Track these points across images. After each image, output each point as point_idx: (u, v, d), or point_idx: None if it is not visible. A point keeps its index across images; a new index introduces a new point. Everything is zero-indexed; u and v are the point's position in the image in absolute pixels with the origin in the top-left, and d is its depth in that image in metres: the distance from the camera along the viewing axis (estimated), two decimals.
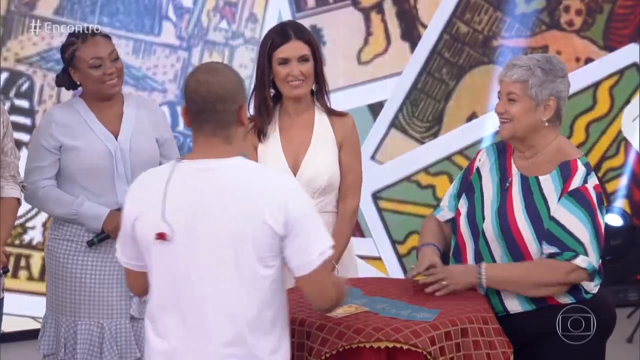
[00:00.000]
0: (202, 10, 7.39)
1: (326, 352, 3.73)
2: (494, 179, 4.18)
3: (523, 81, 4.03)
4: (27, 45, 7.02)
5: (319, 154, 4.60)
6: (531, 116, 4.05)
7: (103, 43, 4.97)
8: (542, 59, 4.10)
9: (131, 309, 4.99)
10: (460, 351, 3.76)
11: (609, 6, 8.18)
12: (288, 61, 4.51)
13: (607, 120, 8.27)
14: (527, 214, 4.04)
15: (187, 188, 3.49)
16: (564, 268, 3.96)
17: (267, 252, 3.45)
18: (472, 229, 4.16)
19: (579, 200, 3.98)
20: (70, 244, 5.00)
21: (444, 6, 7.87)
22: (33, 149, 5.02)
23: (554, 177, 4.05)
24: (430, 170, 7.94)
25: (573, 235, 3.96)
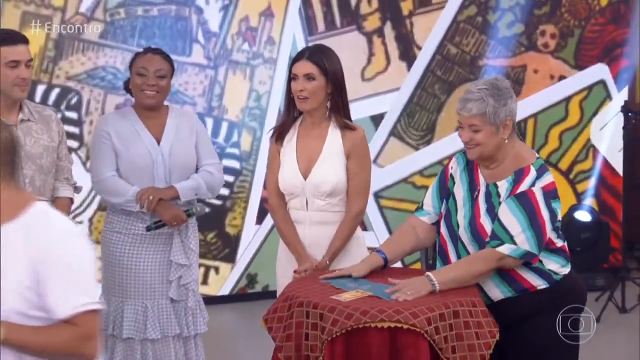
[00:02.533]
0: (227, 34, 7.40)
1: (336, 331, 3.73)
2: (464, 185, 4.17)
3: (481, 114, 3.98)
4: (76, 65, 7.02)
5: (327, 163, 4.53)
6: (494, 138, 4.01)
7: (156, 60, 5.00)
8: (490, 87, 4.02)
9: (170, 291, 5.03)
10: (452, 330, 3.76)
11: (579, 31, 8.19)
12: (297, 77, 4.47)
13: (578, 130, 8.27)
14: (489, 215, 4.04)
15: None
16: (494, 256, 3.95)
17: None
18: (450, 233, 4.16)
19: (520, 201, 3.97)
20: (120, 235, 5.03)
21: (436, 31, 7.88)
22: (95, 148, 5.04)
23: (509, 181, 4.03)
24: (424, 172, 7.93)
25: (504, 228, 3.95)
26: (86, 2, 7.00)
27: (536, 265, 4.02)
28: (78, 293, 2.84)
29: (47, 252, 2.83)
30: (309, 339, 3.81)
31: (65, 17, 6.96)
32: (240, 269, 7.63)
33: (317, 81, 4.45)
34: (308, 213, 4.57)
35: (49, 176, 4.65)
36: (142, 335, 4.98)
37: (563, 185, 8.05)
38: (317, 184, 4.51)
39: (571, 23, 8.19)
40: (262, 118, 7.55)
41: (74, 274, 2.84)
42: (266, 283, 7.61)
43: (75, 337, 2.85)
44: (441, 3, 7.88)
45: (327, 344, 3.74)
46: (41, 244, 2.83)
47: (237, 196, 7.55)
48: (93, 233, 7.14)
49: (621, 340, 6.55)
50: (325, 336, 3.75)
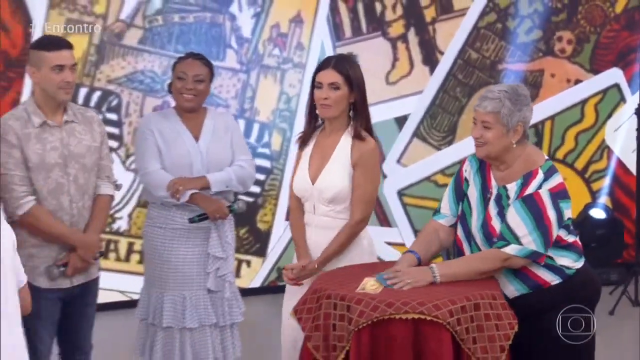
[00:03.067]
0: (259, 40, 7.42)
1: (363, 322, 3.75)
2: (477, 187, 4.18)
3: (496, 112, 4.00)
4: (117, 69, 7.05)
5: (332, 171, 4.46)
6: (503, 140, 4.03)
7: (196, 65, 5.06)
8: (510, 91, 4.04)
9: (207, 283, 5.07)
10: (473, 322, 3.77)
11: (595, 37, 8.17)
12: (321, 85, 4.41)
13: (593, 131, 8.25)
14: (500, 218, 4.05)
15: None
16: (499, 256, 3.98)
17: None
18: (465, 234, 4.18)
19: (527, 204, 3.98)
20: (160, 229, 5.07)
21: (457, 37, 7.87)
22: (139, 144, 5.10)
23: (518, 184, 4.04)
24: (446, 171, 7.91)
25: (511, 230, 3.97)
26: (126, 9, 7.04)
27: (547, 262, 4.02)
28: None
29: None
30: (336, 329, 3.82)
31: (107, 23, 7.00)
32: (270, 263, 7.65)
33: (341, 90, 4.40)
34: (315, 217, 4.52)
35: (92, 174, 4.67)
36: (180, 324, 5.03)
37: (579, 184, 8.04)
38: (321, 189, 4.46)
39: (587, 29, 8.16)
40: (291, 119, 7.57)
41: None
42: None
43: None
44: (463, 10, 7.87)
45: (354, 334, 3.76)
46: None
47: (268, 194, 7.58)
48: (132, 228, 7.19)
49: (634, 331, 6.54)
50: (352, 327, 3.77)
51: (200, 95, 5.08)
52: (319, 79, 4.42)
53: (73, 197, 4.60)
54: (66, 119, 4.62)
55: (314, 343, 3.87)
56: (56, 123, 4.60)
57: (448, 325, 3.72)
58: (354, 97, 4.44)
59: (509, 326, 3.84)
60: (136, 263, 7.11)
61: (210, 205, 4.98)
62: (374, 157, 4.52)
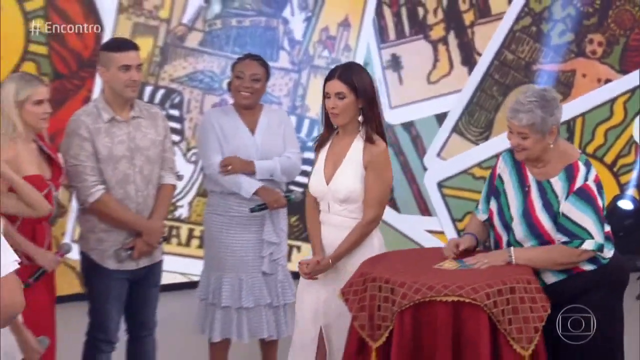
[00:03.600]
0: (309, 42, 7.43)
1: (405, 303, 3.74)
2: (514, 183, 4.13)
3: (530, 124, 3.94)
4: (179, 69, 7.10)
5: (345, 172, 4.30)
6: (540, 144, 3.98)
7: (253, 65, 5.08)
8: (539, 99, 3.97)
9: (262, 266, 5.09)
10: (509, 304, 3.75)
11: (624, 39, 8.10)
12: (329, 95, 4.25)
13: (622, 128, 8.18)
14: (546, 211, 3.99)
15: None
16: (575, 252, 3.93)
17: None
18: (504, 225, 4.12)
19: (583, 196, 3.93)
20: (219, 217, 5.09)
21: (494, 39, 7.83)
22: (202, 137, 5.12)
23: (561, 178, 3.98)
24: (482, 165, 7.89)
25: (580, 226, 3.91)
26: (188, 14, 7.08)
27: None
28: None
29: None
30: (381, 310, 3.82)
31: (170, 27, 7.05)
32: None
33: (348, 98, 4.23)
34: (329, 215, 4.39)
35: (155, 166, 4.70)
36: (237, 304, 5.06)
37: (608, 177, 7.98)
38: (335, 190, 4.32)
39: (617, 32, 8.09)
40: None
41: None
42: None
43: None
44: (499, 14, 7.83)
45: (397, 315, 3.76)
46: None
47: None
48: (192, 215, 7.23)
49: None
50: (395, 308, 3.76)
51: (257, 93, 5.09)
52: (327, 90, 4.29)
53: (138, 186, 4.64)
54: (133, 114, 4.65)
55: (360, 322, 3.87)
56: (123, 118, 4.63)
57: (485, 307, 3.70)
58: (362, 103, 4.29)
59: (542, 309, 3.81)
60: (196, 247, 7.16)
61: (270, 196, 5.01)
62: (384, 159, 4.37)
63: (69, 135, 4.61)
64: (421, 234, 7.81)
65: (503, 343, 3.74)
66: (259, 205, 4.98)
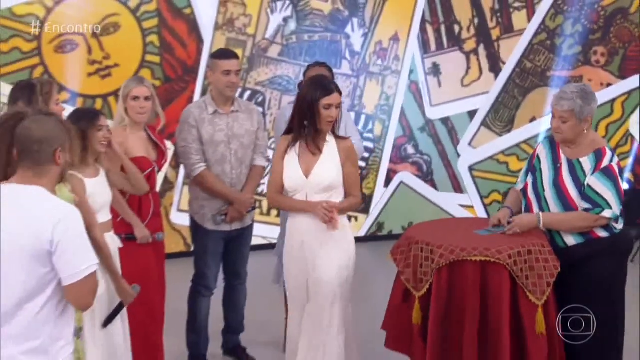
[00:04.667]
0: (366, 53, 7.43)
1: (442, 262, 3.77)
2: (548, 162, 4.07)
3: (571, 110, 3.90)
4: (262, 74, 7.12)
5: (325, 165, 4.02)
6: (577, 129, 3.93)
7: (322, 70, 5.02)
8: (580, 91, 3.93)
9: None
10: (526, 264, 3.76)
11: (623, 51, 7.97)
12: (331, 107, 3.97)
13: (620, 123, 8.06)
14: (574, 183, 3.94)
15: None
16: (594, 218, 3.86)
17: (40, 261, 2.67)
18: (536, 195, 4.06)
19: (607, 174, 3.88)
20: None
21: (516, 51, 7.75)
22: (278, 127, 5.05)
23: (590, 159, 3.92)
24: (506, 152, 7.83)
25: (601, 197, 3.86)
26: (270, 30, 7.09)
27: None
28: None
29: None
30: (422, 267, 3.84)
31: (255, 41, 7.08)
32: (372, 219, 7.68)
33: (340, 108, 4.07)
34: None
35: (248, 150, 4.71)
36: None
37: None
38: (317, 181, 4.01)
39: (617, 45, 7.97)
40: (389, 112, 7.58)
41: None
42: (390, 229, 7.66)
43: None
44: (520, 31, 7.75)
45: (435, 271, 3.78)
46: None
47: (371, 167, 7.62)
48: None
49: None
50: (434, 265, 3.79)
51: None
52: (330, 102, 3.96)
53: (233, 166, 4.68)
54: (232, 109, 4.69)
55: (406, 277, 3.89)
56: (224, 112, 4.68)
57: (507, 266, 3.72)
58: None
59: (553, 267, 3.80)
60: (275, 217, 7.23)
61: None
62: (354, 150, 4.13)
63: (181, 123, 4.68)
64: (455, 207, 7.79)
65: (521, 295, 3.74)
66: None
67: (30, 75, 6.46)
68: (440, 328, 3.76)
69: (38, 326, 2.70)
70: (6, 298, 2.68)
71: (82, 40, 6.62)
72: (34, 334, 2.69)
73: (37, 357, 2.70)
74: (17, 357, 2.68)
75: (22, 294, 2.68)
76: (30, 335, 2.69)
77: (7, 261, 2.68)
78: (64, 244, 2.66)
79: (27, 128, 2.72)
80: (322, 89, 3.99)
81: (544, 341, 3.74)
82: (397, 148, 7.64)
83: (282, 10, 7.11)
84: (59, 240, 2.65)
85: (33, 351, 2.69)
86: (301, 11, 7.18)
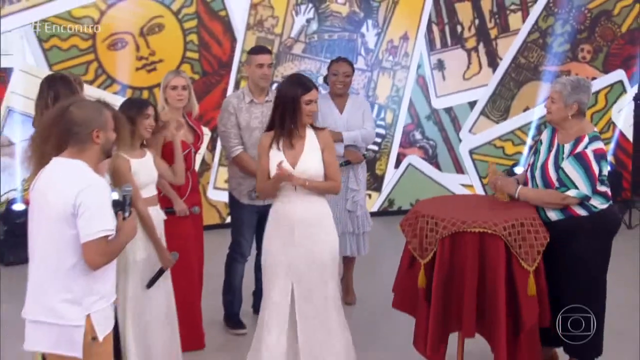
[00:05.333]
0: (379, 50, 7.39)
1: (445, 233, 3.75)
2: (545, 146, 4.04)
3: (560, 92, 3.88)
4: (287, 69, 7.08)
5: (308, 156, 3.83)
6: (561, 112, 3.90)
7: (345, 65, 5.08)
8: (575, 81, 3.90)
9: (347, 205, 5.07)
10: (519, 235, 3.74)
11: (606, 48, 7.89)
12: (311, 102, 3.80)
13: (603, 112, 7.99)
14: (553, 165, 3.91)
15: (44, 173, 2.83)
16: (560, 196, 3.83)
17: (68, 223, 2.74)
18: (531, 174, 4.04)
19: (578, 159, 3.83)
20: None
21: (512, 48, 7.69)
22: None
23: (571, 145, 3.89)
24: (501, 138, 7.78)
25: (569, 178, 3.82)
26: (294, 30, 7.06)
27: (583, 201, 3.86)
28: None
29: None
30: (428, 237, 3.83)
31: (282, 40, 7.06)
32: (384, 196, 7.66)
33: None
34: (296, 194, 3.84)
35: None
36: None
37: None
38: (303, 170, 3.81)
39: (601, 43, 7.88)
40: (399, 102, 7.54)
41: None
42: (400, 205, 7.64)
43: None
44: (516, 30, 7.67)
45: (439, 241, 3.77)
46: None
47: (383, 151, 7.59)
48: None
49: (629, 247, 6.37)
50: (438, 236, 3.78)
51: (347, 85, 5.08)
52: (310, 97, 3.78)
53: None
54: (267, 99, 4.68)
55: (413, 246, 3.88)
56: (259, 101, 4.68)
57: (502, 236, 3.70)
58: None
59: (543, 238, 3.79)
60: None
61: (351, 155, 5.03)
62: (331, 139, 3.96)
63: (222, 110, 4.70)
64: (456, 186, 7.77)
65: (514, 262, 3.73)
66: (345, 161, 4.99)
67: (86, 69, 6.50)
68: (443, 291, 3.76)
69: (71, 281, 2.76)
70: (44, 256, 2.78)
71: (131, 39, 6.64)
72: (68, 287, 2.77)
73: (72, 307, 2.77)
74: (55, 306, 2.77)
75: (57, 253, 2.77)
76: (65, 288, 2.76)
77: (47, 224, 2.77)
78: (84, 207, 2.72)
79: (71, 112, 2.83)
80: (302, 87, 3.80)
81: (534, 302, 3.74)
82: (406, 134, 7.61)
83: (305, 13, 7.08)
84: (80, 203, 2.72)
85: (68, 301, 2.77)
86: (322, 13, 7.15)
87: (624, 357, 4.45)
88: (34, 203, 2.84)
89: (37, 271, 2.80)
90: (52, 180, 2.80)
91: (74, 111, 2.83)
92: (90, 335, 2.78)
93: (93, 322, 2.79)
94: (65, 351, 2.76)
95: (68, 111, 2.83)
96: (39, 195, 2.81)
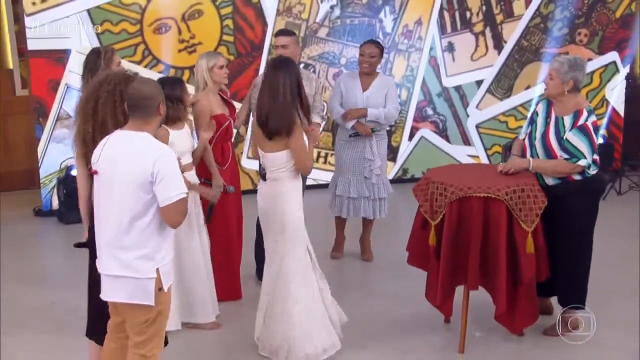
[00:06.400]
0: (395, 34, 7.32)
1: (454, 197, 3.76)
2: (542, 117, 4.02)
3: (557, 69, 3.86)
4: (313, 51, 7.06)
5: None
6: (558, 87, 3.87)
7: (371, 47, 4.96)
8: (572, 59, 3.87)
9: (364, 172, 5.06)
10: (520, 199, 3.74)
11: (602, 32, 7.74)
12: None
13: (598, 90, 7.87)
14: (555, 136, 3.89)
15: (111, 145, 2.83)
16: (571, 166, 3.82)
17: (144, 189, 2.74)
18: (530, 143, 4.03)
19: (582, 130, 3.82)
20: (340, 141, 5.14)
21: (516, 32, 7.57)
22: (333, 94, 5.06)
23: (570, 117, 3.87)
24: (505, 113, 7.70)
25: (577, 149, 3.81)
26: (319, 16, 7.02)
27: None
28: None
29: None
30: (437, 201, 3.83)
31: (308, 24, 7.02)
32: (398, 165, 7.64)
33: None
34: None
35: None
36: (347, 194, 5.07)
37: None
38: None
39: (597, 27, 7.74)
40: (413, 81, 7.48)
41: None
42: (413, 173, 7.62)
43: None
44: (519, 16, 7.55)
45: (448, 204, 3.78)
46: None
47: (398, 125, 7.57)
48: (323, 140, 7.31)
49: (619, 210, 6.32)
50: (447, 200, 3.79)
51: (373, 65, 4.99)
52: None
53: None
54: None
55: (424, 209, 3.89)
56: None
57: (504, 200, 3.71)
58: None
59: (541, 202, 3.79)
60: (322, 164, 7.26)
61: (360, 128, 4.99)
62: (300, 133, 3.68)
63: (255, 85, 4.69)
64: (464, 157, 7.73)
65: (515, 223, 3.74)
66: (355, 132, 4.98)
67: (134, 51, 6.52)
68: (451, 249, 3.78)
69: (145, 239, 2.80)
70: (122, 218, 2.80)
71: (174, 24, 6.64)
72: (143, 244, 2.81)
73: (146, 262, 2.81)
74: (132, 262, 2.81)
75: (133, 215, 2.79)
76: (139, 245, 2.80)
77: (122, 190, 2.78)
78: (161, 175, 2.73)
79: (137, 89, 2.81)
80: (297, 68, 3.62)
81: (532, 259, 3.75)
82: (419, 110, 7.56)
83: (329, 0, 7.02)
84: (157, 171, 2.73)
85: (142, 257, 2.81)
86: (344, 0, 7.08)
87: (613, 304, 4.44)
88: (105, 172, 2.80)
89: (112, 231, 2.80)
90: (125, 151, 2.78)
91: (140, 87, 2.80)
92: (158, 286, 2.82)
93: (161, 275, 2.83)
94: (140, 300, 2.81)
95: (133, 87, 2.80)
96: (109, 164, 2.79)
